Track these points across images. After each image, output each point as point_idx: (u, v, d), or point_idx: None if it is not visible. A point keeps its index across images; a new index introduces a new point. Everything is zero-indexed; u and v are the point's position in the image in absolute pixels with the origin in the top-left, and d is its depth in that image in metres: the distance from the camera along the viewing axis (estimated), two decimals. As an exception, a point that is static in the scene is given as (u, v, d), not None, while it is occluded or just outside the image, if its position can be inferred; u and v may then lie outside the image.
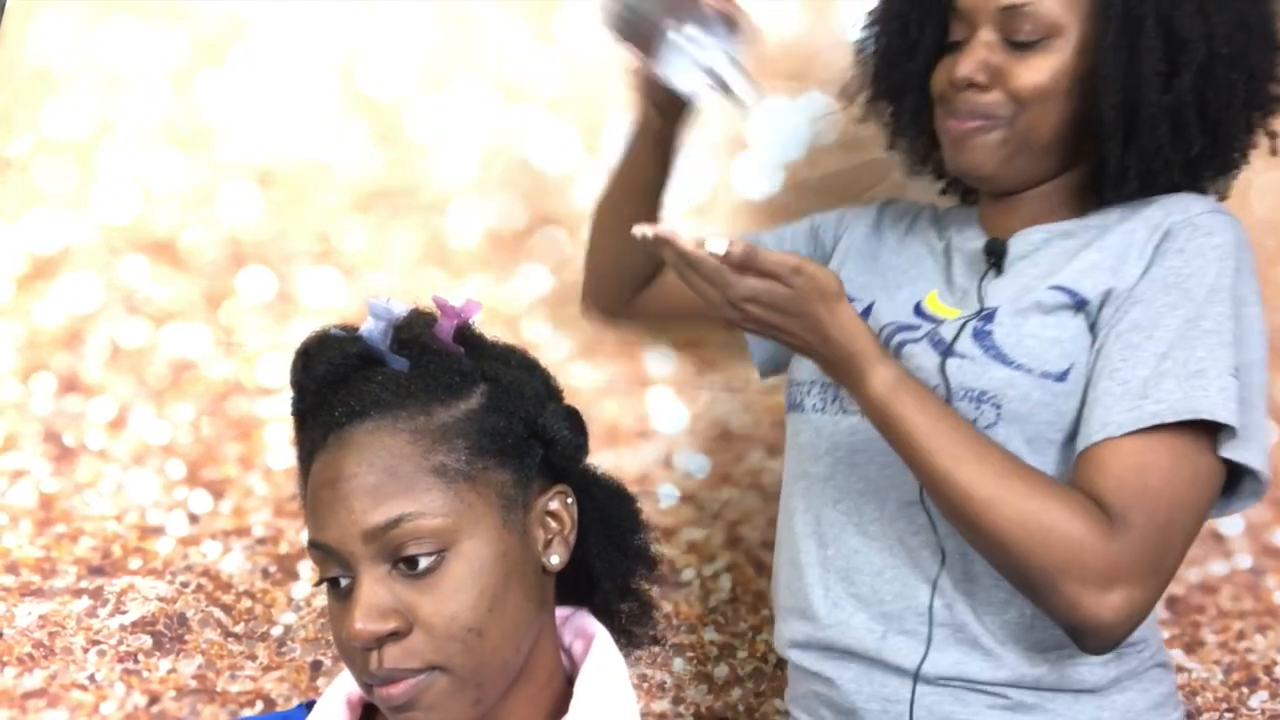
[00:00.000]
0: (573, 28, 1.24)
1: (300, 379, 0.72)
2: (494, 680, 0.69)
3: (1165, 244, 0.85)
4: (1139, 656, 0.88)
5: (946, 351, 0.88)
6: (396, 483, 0.66)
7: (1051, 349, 0.85)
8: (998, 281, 0.92)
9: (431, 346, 0.71)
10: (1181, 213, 0.86)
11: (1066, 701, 0.86)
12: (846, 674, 0.92)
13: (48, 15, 1.22)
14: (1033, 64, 0.87)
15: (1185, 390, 0.79)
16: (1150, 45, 0.84)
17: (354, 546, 0.66)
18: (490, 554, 0.68)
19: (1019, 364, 0.85)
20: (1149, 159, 0.87)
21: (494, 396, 0.71)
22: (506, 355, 0.77)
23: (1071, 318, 0.86)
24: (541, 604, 0.73)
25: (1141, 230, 0.87)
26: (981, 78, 0.88)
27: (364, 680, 0.68)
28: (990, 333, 0.87)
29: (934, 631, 0.87)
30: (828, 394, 0.96)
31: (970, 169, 0.93)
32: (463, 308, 0.73)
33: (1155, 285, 0.84)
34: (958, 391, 0.86)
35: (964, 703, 0.87)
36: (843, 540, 0.93)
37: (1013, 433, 0.85)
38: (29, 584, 1.22)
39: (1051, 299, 0.87)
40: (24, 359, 1.22)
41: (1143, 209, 0.89)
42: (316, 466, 0.69)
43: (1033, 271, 0.91)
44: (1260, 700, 1.24)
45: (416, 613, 0.66)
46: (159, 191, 1.23)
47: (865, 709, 0.90)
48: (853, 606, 0.91)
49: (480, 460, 0.69)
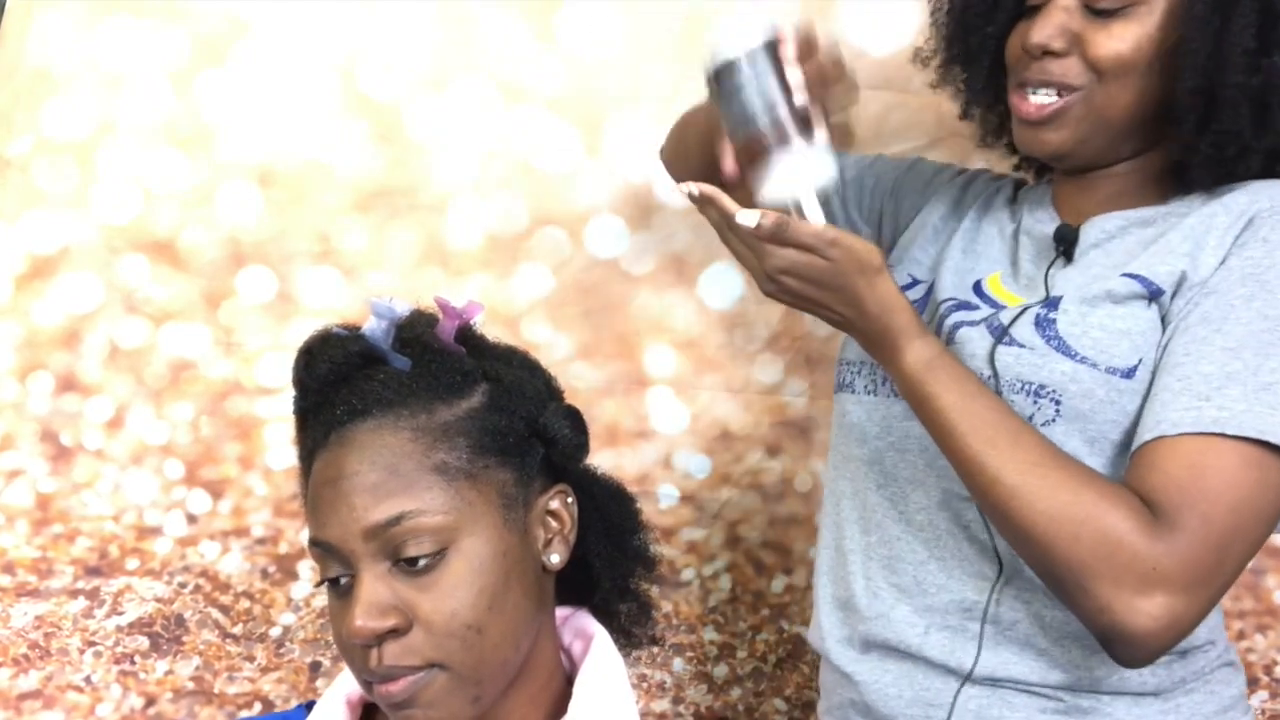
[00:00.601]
0: (573, 28, 1.25)
1: (302, 377, 0.72)
2: (493, 678, 0.69)
3: (1247, 233, 0.79)
4: (1205, 656, 0.83)
5: (1001, 338, 0.83)
6: (398, 480, 0.67)
7: (1120, 342, 0.79)
8: (1066, 271, 0.86)
9: (433, 346, 0.71)
10: (1269, 199, 0.80)
11: (1126, 705, 0.81)
12: (886, 677, 0.88)
13: (48, 15, 1.22)
14: (1115, 31, 0.81)
15: (1251, 403, 0.73)
16: (1243, 19, 0.78)
17: (355, 544, 0.66)
18: (490, 552, 0.68)
19: (1083, 357, 0.79)
20: (1225, 144, 0.81)
21: (495, 396, 0.72)
22: (508, 355, 0.77)
23: (1144, 309, 0.80)
24: (541, 603, 0.73)
25: (1223, 215, 0.80)
26: (1059, 44, 0.82)
27: (364, 678, 0.68)
28: (1054, 321, 0.82)
29: (983, 629, 0.83)
30: (878, 375, 0.91)
31: (1042, 148, 0.86)
32: (464, 308, 0.73)
33: (1232, 276, 0.77)
34: (1013, 383, 0.81)
35: (1012, 706, 0.82)
36: (885, 527, 0.89)
37: (1072, 431, 0.79)
38: (25, 584, 1.22)
39: (1124, 288, 0.80)
40: (22, 358, 1.22)
41: (1228, 193, 0.82)
42: (318, 464, 0.70)
43: (1105, 261, 0.84)
44: (1260, 700, 1.24)
45: (416, 610, 0.66)
46: (159, 191, 1.22)
47: (905, 714, 0.86)
48: (894, 598, 0.87)
49: (481, 459, 0.69)
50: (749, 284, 1.27)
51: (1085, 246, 0.87)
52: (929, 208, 1.02)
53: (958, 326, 0.87)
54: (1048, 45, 0.83)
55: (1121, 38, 0.81)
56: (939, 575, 0.86)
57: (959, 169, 1.07)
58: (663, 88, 1.25)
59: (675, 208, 1.26)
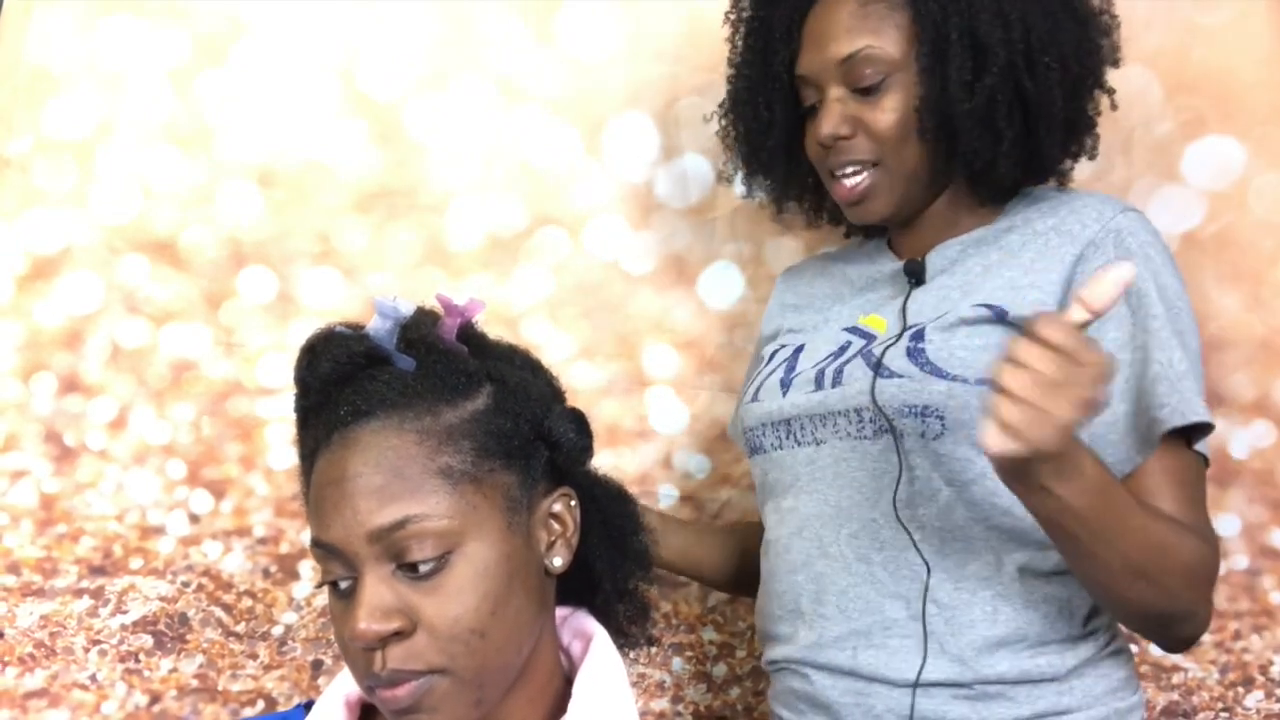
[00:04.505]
0: (573, 28, 1.24)
1: (304, 376, 0.71)
2: (495, 682, 0.69)
3: (1094, 256, 0.89)
4: (1095, 643, 0.90)
5: (879, 371, 0.91)
6: (402, 484, 0.66)
7: (981, 357, 0.87)
8: (920, 297, 0.96)
9: (438, 347, 0.70)
10: (1096, 221, 0.91)
11: (1027, 689, 0.87)
12: (826, 680, 0.93)
13: (47, 15, 1.22)
14: (883, 105, 0.92)
15: (1181, 394, 0.84)
16: (956, 57, 0.90)
17: (358, 547, 0.66)
18: (494, 556, 0.68)
19: (954, 375, 0.87)
20: (973, 160, 0.92)
21: (500, 398, 0.71)
22: (510, 355, 0.77)
23: (993, 328, 0.89)
24: (543, 606, 0.73)
25: (1056, 240, 0.91)
26: (844, 129, 0.94)
27: (367, 683, 0.68)
28: (923, 350, 0.90)
29: (902, 643, 0.89)
30: (780, 430, 0.98)
31: (869, 218, 0.98)
32: (466, 306, 0.72)
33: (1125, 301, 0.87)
34: (900, 409, 0.88)
35: (929, 695, 0.88)
36: (810, 565, 0.94)
37: (959, 439, 0.87)
38: (30, 584, 1.22)
39: (975, 314, 0.90)
40: (24, 359, 1.22)
41: (1052, 213, 0.93)
42: (320, 464, 0.69)
43: (952, 283, 0.94)
44: (1256, 700, 1.25)
45: (420, 614, 0.66)
46: (159, 191, 1.23)
47: (840, 703, 0.91)
48: (822, 626, 0.93)
49: (486, 462, 0.69)
50: (749, 284, 1.27)
51: (934, 273, 0.97)
52: (768, 327, 1.12)
53: (841, 369, 0.95)
54: (836, 133, 0.94)
55: (889, 109, 0.93)
56: (858, 601, 0.91)
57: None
58: (663, 88, 1.25)
59: (675, 208, 1.26)
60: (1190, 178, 1.19)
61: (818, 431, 0.95)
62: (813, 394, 0.95)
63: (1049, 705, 0.87)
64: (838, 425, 0.93)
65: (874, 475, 0.91)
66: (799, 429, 0.96)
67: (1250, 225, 1.19)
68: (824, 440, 0.94)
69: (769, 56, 1.00)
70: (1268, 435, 1.20)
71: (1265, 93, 1.18)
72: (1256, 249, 1.19)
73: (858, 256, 1.08)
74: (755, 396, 1.01)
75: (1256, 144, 1.18)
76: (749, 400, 1.02)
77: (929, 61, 0.91)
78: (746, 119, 1.04)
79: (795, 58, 0.98)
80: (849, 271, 1.07)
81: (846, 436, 0.92)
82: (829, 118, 0.94)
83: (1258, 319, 1.20)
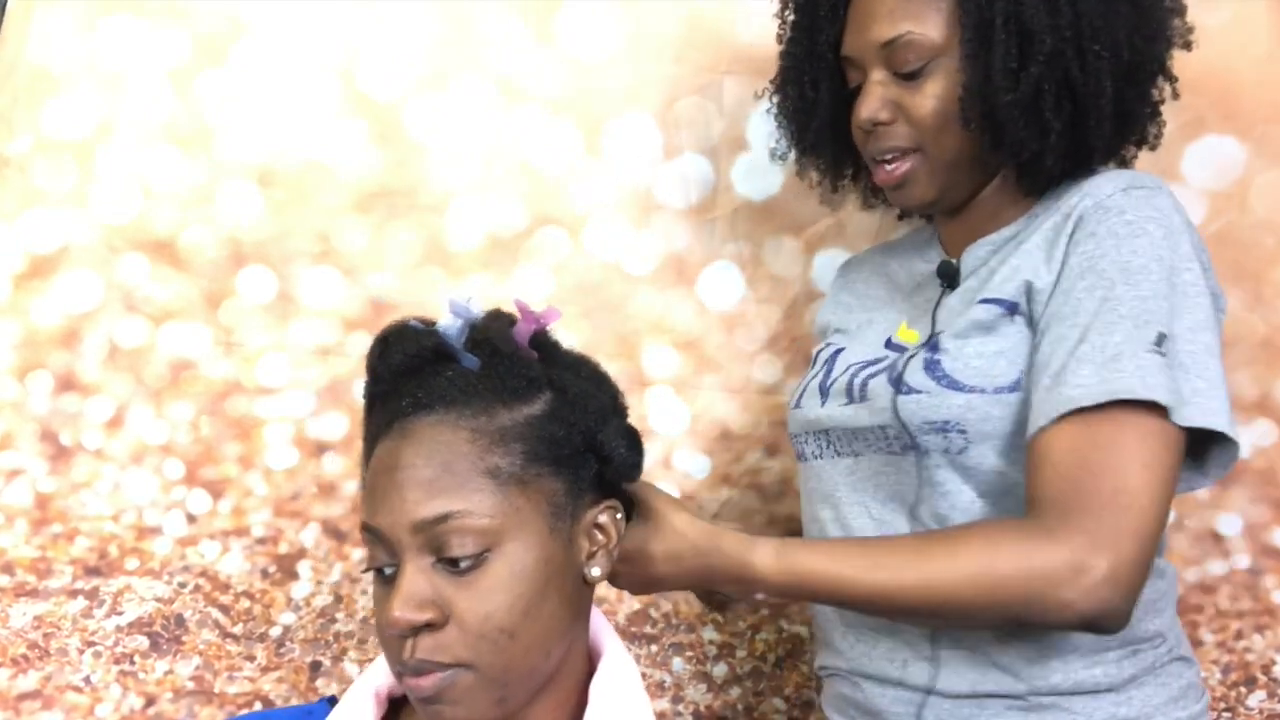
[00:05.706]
0: (573, 28, 1.25)
1: (375, 365, 0.74)
2: (520, 683, 0.70)
3: (1078, 231, 0.85)
4: (1156, 652, 0.87)
5: (899, 388, 0.89)
6: (450, 479, 0.68)
7: (998, 362, 0.85)
8: (948, 302, 0.94)
9: (503, 349, 0.73)
10: (1091, 197, 0.86)
11: (1083, 701, 0.85)
12: (875, 689, 0.92)
13: (48, 15, 1.22)
14: (924, 90, 0.89)
15: (1103, 375, 0.78)
16: (1001, 44, 0.86)
17: (402, 535, 0.68)
18: (532, 559, 0.69)
19: (971, 386, 0.86)
20: (1019, 152, 0.88)
21: (557, 405, 0.73)
22: (578, 365, 0.79)
23: (1010, 325, 0.86)
24: (577, 613, 0.74)
25: (1058, 219, 0.87)
26: (884, 115, 0.91)
27: (397, 669, 0.70)
28: (939, 362, 0.88)
29: (947, 654, 0.87)
30: (820, 440, 0.97)
31: (910, 203, 0.95)
32: (542, 314, 0.75)
33: (1073, 273, 0.84)
34: (921, 426, 0.87)
35: (983, 706, 0.87)
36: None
37: (986, 451, 0.86)
38: (24, 584, 1.21)
39: (985, 314, 0.87)
40: (21, 357, 1.21)
41: (1065, 197, 0.89)
42: (378, 451, 0.72)
43: (975, 285, 0.92)
44: (1258, 700, 1.24)
45: (453, 607, 0.68)
46: (159, 191, 1.22)
47: (890, 712, 0.91)
48: (873, 639, 0.92)
49: (534, 466, 0.70)
50: (749, 284, 1.27)
51: (965, 275, 0.94)
52: (825, 319, 1.11)
53: (866, 381, 0.93)
54: (875, 118, 0.91)
55: (930, 95, 0.89)
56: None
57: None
58: (663, 88, 1.25)
59: (675, 208, 1.26)
60: (1191, 177, 1.19)
61: (854, 444, 0.94)
62: (844, 406, 0.94)
63: (1106, 716, 0.84)
64: (869, 440, 0.92)
65: (911, 489, 0.90)
66: (837, 440, 0.95)
67: (1251, 225, 1.20)
68: (860, 453, 0.94)
69: (814, 35, 0.98)
70: (1269, 434, 1.20)
71: (1265, 92, 1.19)
72: (1257, 248, 1.19)
73: (910, 251, 1.05)
74: (798, 403, 1.01)
75: (1257, 143, 1.19)
76: (793, 405, 1.02)
77: (972, 48, 0.87)
78: (793, 98, 1.02)
79: (841, 37, 0.96)
80: (899, 271, 1.04)
81: (880, 450, 0.91)
82: (869, 101, 0.91)
83: (1259, 318, 1.20)
